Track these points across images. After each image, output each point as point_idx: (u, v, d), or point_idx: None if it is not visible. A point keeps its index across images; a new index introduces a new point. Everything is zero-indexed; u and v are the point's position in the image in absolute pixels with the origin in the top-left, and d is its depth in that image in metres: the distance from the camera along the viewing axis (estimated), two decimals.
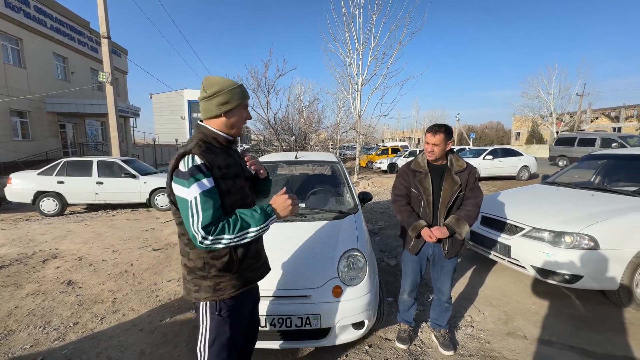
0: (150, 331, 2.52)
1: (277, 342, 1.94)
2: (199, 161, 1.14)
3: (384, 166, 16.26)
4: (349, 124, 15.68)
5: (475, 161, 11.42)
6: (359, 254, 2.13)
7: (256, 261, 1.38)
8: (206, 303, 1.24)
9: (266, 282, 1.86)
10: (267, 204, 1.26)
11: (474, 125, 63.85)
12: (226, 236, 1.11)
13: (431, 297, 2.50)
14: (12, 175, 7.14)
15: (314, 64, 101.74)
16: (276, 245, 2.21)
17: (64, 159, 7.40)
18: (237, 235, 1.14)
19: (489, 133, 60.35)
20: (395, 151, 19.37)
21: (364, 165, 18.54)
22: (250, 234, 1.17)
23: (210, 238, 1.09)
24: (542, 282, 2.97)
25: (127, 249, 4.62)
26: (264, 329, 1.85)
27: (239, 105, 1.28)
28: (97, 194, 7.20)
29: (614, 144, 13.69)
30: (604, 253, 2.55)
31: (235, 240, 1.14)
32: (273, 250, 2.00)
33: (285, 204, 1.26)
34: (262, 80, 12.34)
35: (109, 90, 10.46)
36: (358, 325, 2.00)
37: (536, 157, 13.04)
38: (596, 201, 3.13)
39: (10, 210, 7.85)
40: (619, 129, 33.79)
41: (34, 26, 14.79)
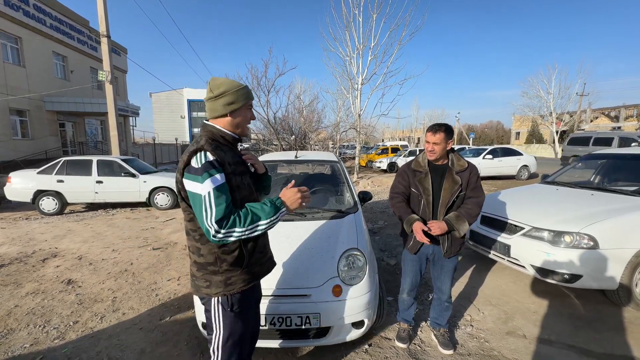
0: (150, 330, 2.52)
1: (277, 341, 1.95)
2: (211, 157, 1.17)
3: (384, 165, 16.26)
4: (348, 123, 15.67)
5: (475, 161, 11.41)
6: (358, 253, 2.13)
7: (263, 255, 1.42)
8: (218, 299, 1.27)
9: (266, 281, 1.86)
10: (276, 197, 1.28)
11: (473, 124, 63.88)
12: (237, 229, 1.14)
13: (431, 297, 2.50)
14: (11, 174, 7.13)
15: (314, 63, 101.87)
16: (276, 245, 2.20)
17: (64, 158, 7.40)
18: (248, 228, 1.16)
19: (489, 132, 60.35)
20: (395, 150, 19.39)
21: (364, 165, 18.55)
22: (261, 227, 1.20)
23: (223, 231, 1.12)
24: (542, 282, 2.97)
25: (126, 248, 4.62)
26: (263, 328, 1.85)
27: (244, 106, 1.32)
28: (96, 193, 7.20)
29: (633, 143, 12.32)
30: (603, 252, 2.56)
31: (246, 233, 1.17)
32: (273, 249, 2.00)
33: (295, 197, 1.28)
34: (262, 79, 12.32)
35: (108, 89, 10.44)
36: (358, 325, 2.00)
37: (536, 157, 13.05)
38: (596, 201, 3.13)
39: (9, 209, 7.85)
40: (619, 128, 33.77)
41: (33, 25, 14.76)
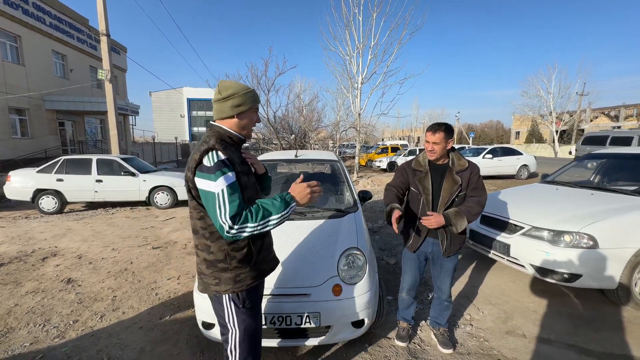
0: (150, 329, 2.52)
1: (277, 340, 1.95)
2: (222, 156, 1.21)
3: (384, 165, 16.26)
4: (348, 123, 15.66)
5: (475, 160, 11.41)
6: (358, 252, 2.13)
7: (269, 253, 1.45)
8: (229, 296, 1.29)
9: (266, 281, 1.86)
10: (286, 192, 1.30)
11: (473, 124, 63.91)
12: (250, 224, 1.17)
13: (431, 296, 2.50)
14: (11, 173, 7.12)
15: (314, 62, 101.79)
16: (276, 244, 2.19)
17: (63, 157, 7.39)
18: (260, 223, 1.19)
19: (489, 132, 60.36)
20: (395, 150, 19.38)
21: (364, 164, 18.56)
22: (272, 222, 1.22)
23: (236, 227, 1.15)
24: (541, 281, 2.97)
25: (126, 247, 4.62)
26: (263, 327, 1.85)
27: (250, 109, 1.35)
28: (96, 192, 7.19)
29: None
30: (603, 252, 2.56)
31: (258, 228, 1.19)
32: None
33: (304, 192, 1.30)
34: (262, 78, 12.32)
35: (108, 88, 10.42)
36: (358, 324, 2.00)
37: (536, 156, 13.04)
38: (595, 200, 3.13)
39: (9, 208, 7.84)
40: (618, 128, 33.79)
41: (32, 23, 14.71)
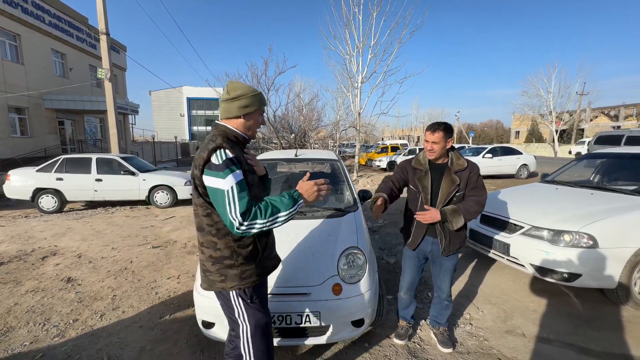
0: (150, 328, 2.52)
1: (276, 339, 1.95)
2: (230, 155, 1.22)
3: (384, 164, 16.26)
4: (348, 122, 15.66)
5: (475, 160, 11.42)
6: (358, 251, 2.13)
7: (272, 251, 1.47)
8: (236, 292, 1.31)
9: None
10: (293, 189, 1.32)
11: (473, 123, 63.94)
12: (259, 221, 1.19)
13: (431, 295, 2.50)
14: (10, 172, 7.12)
15: (314, 62, 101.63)
16: (276, 243, 2.21)
17: (63, 156, 7.38)
18: (269, 220, 1.20)
19: (489, 131, 60.38)
20: (395, 149, 19.38)
21: (364, 164, 18.55)
22: (280, 219, 1.23)
23: (246, 224, 1.17)
24: (541, 280, 2.98)
25: (126, 246, 4.62)
26: None
27: (257, 110, 1.38)
28: (96, 191, 7.19)
29: None
30: (602, 252, 2.56)
31: (267, 224, 1.20)
32: None
33: (312, 190, 1.31)
34: (262, 78, 12.31)
35: (107, 87, 10.41)
36: (357, 323, 2.00)
37: (535, 156, 13.05)
38: (595, 200, 3.13)
39: (9, 207, 7.84)
40: (618, 127, 33.79)
41: (31, 22, 14.68)
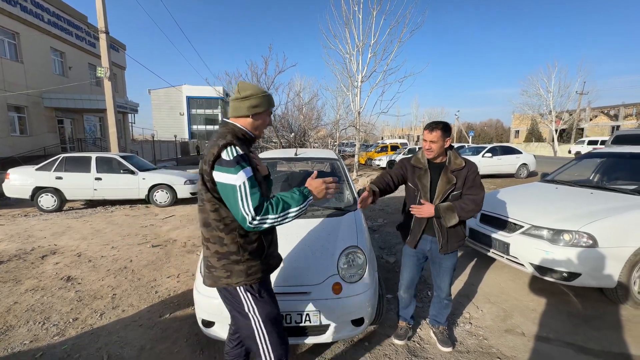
0: (150, 327, 2.53)
1: None
2: (241, 151, 1.25)
3: (383, 163, 16.26)
4: (348, 121, 15.65)
5: (475, 159, 11.42)
6: (358, 251, 2.13)
7: (275, 249, 1.49)
8: (243, 288, 1.32)
9: None
10: (303, 186, 1.34)
11: (473, 123, 64.01)
12: (271, 216, 1.21)
13: (430, 294, 2.51)
14: (10, 171, 7.11)
15: (314, 62, 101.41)
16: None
17: (63, 155, 7.38)
18: (280, 215, 1.23)
19: (488, 131, 60.42)
20: (395, 148, 19.37)
21: (363, 163, 18.55)
22: (291, 214, 1.25)
23: (258, 218, 1.19)
24: (541, 280, 2.98)
25: (126, 245, 4.62)
26: None
27: (265, 111, 1.41)
28: (95, 190, 7.18)
29: None
30: (602, 251, 2.56)
31: (278, 220, 1.23)
32: None
33: (320, 187, 1.34)
34: (262, 77, 12.31)
35: (107, 85, 10.39)
36: (357, 322, 2.00)
37: (535, 155, 13.06)
38: (595, 199, 3.14)
39: (8, 206, 7.83)
40: (618, 127, 33.83)
41: (30, 20, 14.64)
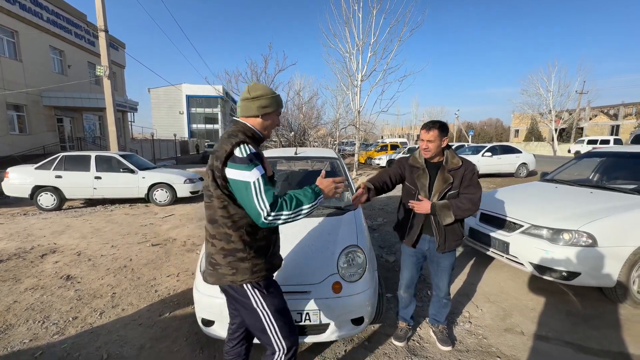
0: (150, 326, 2.53)
1: None
2: (253, 149, 1.28)
3: (383, 162, 16.27)
4: (348, 120, 15.63)
5: (474, 158, 11.42)
6: (358, 250, 2.13)
7: (278, 249, 1.52)
8: (249, 285, 1.34)
9: None
10: (314, 184, 1.38)
11: (473, 122, 64.02)
12: (285, 212, 1.23)
13: (430, 293, 2.51)
14: (9, 170, 7.10)
15: (314, 61, 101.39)
16: None
17: (62, 154, 7.36)
18: (294, 211, 1.25)
19: (488, 130, 60.43)
20: (395, 147, 19.37)
21: (363, 162, 18.55)
22: (304, 211, 1.28)
23: (273, 214, 1.21)
24: (540, 279, 2.98)
25: (125, 244, 4.62)
26: None
27: (274, 111, 1.44)
28: (95, 188, 7.17)
29: None
30: (601, 250, 2.57)
31: (292, 216, 1.25)
32: None
33: (331, 186, 1.39)
34: (262, 75, 12.29)
35: (106, 84, 10.37)
36: (357, 321, 2.00)
37: (535, 155, 13.07)
38: (595, 199, 3.14)
39: (7, 204, 7.81)
40: (618, 126, 33.84)
41: (29, 18, 14.59)
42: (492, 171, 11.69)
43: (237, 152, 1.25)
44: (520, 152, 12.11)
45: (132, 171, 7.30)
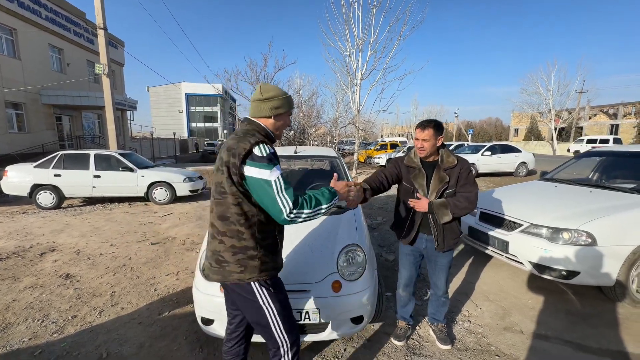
0: (149, 325, 2.53)
1: None
2: (272, 150, 1.31)
3: (383, 161, 16.27)
4: (347, 119, 15.62)
5: (474, 157, 11.43)
6: (358, 249, 2.13)
7: (281, 249, 1.53)
8: (257, 283, 1.35)
9: None
10: (330, 186, 1.43)
11: (472, 121, 64.02)
12: (305, 211, 1.26)
13: (429, 292, 2.51)
14: (8, 168, 7.08)
15: (313, 60, 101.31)
16: None
17: (61, 152, 7.34)
18: (314, 210, 1.28)
19: (488, 129, 60.46)
20: (394, 146, 19.38)
21: (363, 161, 18.55)
22: (322, 211, 1.31)
23: (295, 212, 1.24)
24: (539, 278, 2.99)
25: (125, 242, 4.61)
26: None
27: (286, 112, 1.47)
28: (94, 187, 7.16)
29: None
30: (601, 249, 2.57)
31: (311, 214, 1.28)
32: None
33: (345, 189, 1.47)
34: (261, 74, 12.26)
35: (105, 82, 10.34)
36: (357, 320, 2.00)
37: (534, 154, 13.08)
38: (594, 198, 3.14)
39: (6, 203, 7.80)
40: (617, 126, 33.86)
41: (28, 16, 14.52)
42: (492, 170, 11.69)
43: (256, 151, 1.26)
44: (520, 151, 12.12)
45: (131, 170, 7.29)
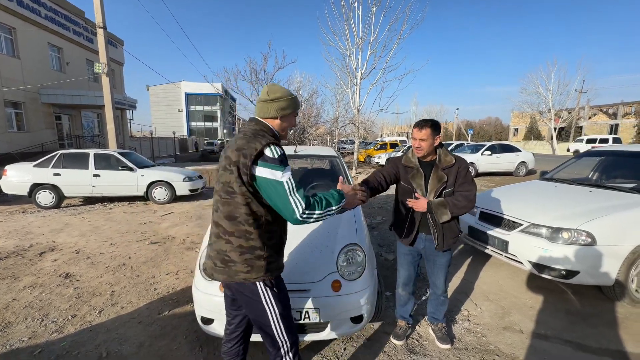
0: (149, 324, 2.53)
1: None
2: (282, 151, 1.32)
3: (382, 161, 16.26)
4: (347, 118, 15.61)
5: (474, 157, 11.44)
6: (358, 248, 2.13)
7: (284, 249, 1.55)
8: (261, 283, 1.37)
9: None
10: (337, 189, 1.46)
11: (472, 120, 64.02)
12: (317, 211, 1.30)
13: (428, 292, 2.51)
14: (7, 167, 7.07)
15: (313, 59, 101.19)
16: None
17: (60, 151, 7.33)
18: (324, 211, 1.32)
19: (488, 129, 60.45)
20: (394, 146, 19.37)
21: (362, 160, 18.55)
22: (331, 212, 1.36)
23: (307, 212, 1.27)
24: (539, 277, 2.99)
25: (124, 242, 4.61)
26: None
27: (292, 113, 1.47)
28: (94, 186, 7.15)
29: None
30: (600, 249, 2.57)
31: (322, 215, 1.32)
32: None
33: (352, 192, 1.50)
34: (261, 73, 12.24)
35: (105, 81, 10.32)
36: (356, 319, 2.01)
37: (534, 153, 13.09)
38: (594, 198, 3.14)
39: (6, 202, 7.79)
40: (617, 125, 33.87)
41: (27, 15, 14.48)
42: (491, 170, 11.70)
43: (267, 152, 1.27)
44: (520, 150, 12.12)
45: (130, 169, 7.28)
